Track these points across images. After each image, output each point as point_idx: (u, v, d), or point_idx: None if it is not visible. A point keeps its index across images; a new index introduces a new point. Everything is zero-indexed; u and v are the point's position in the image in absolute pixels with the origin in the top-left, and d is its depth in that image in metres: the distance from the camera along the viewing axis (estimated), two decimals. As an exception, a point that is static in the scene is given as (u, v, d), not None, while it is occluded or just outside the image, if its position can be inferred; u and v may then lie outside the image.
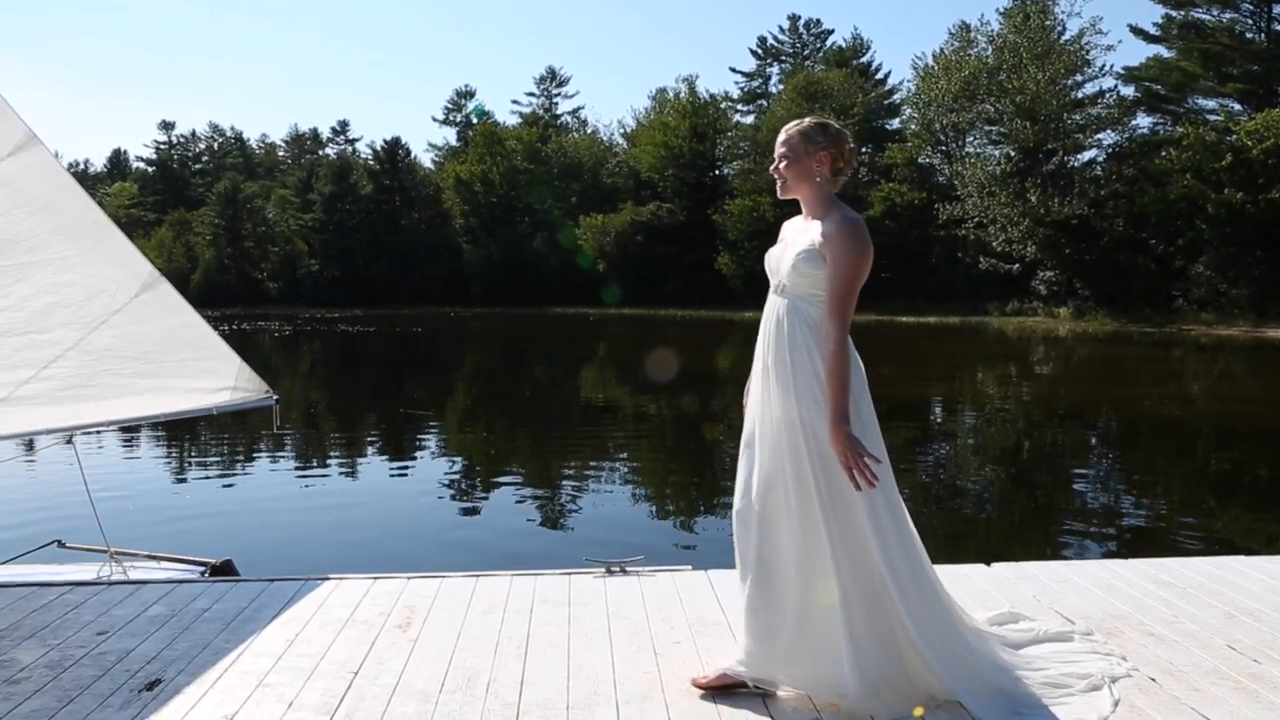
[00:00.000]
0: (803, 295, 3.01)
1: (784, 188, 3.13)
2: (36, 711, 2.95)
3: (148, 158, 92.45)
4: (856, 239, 2.95)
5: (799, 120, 3.17)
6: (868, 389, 3.05)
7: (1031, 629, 3.44)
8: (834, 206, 3.05)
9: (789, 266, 3.01)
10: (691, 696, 3.01)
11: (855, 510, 2.91)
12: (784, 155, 3.08)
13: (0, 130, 5.10)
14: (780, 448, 2.98)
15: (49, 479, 9.60)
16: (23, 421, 5.15)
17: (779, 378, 3.00)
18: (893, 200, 53.79)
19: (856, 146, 3.20)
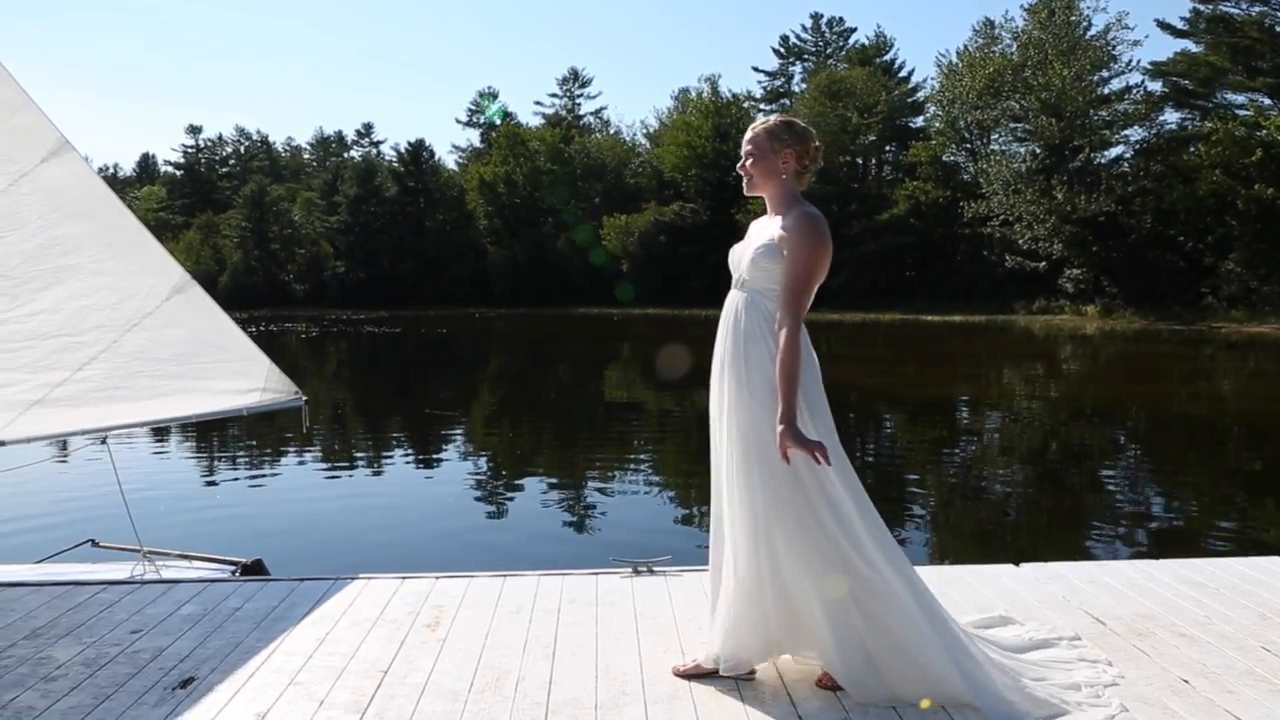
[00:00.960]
0: (761, 289, 3.05)
1: (750, 184, 3.18)
2: (74, 708, 3.00)
3: (175, 161, 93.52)
4: (814, 233, 2.98)
5: (765, 119, 3.21)
6: (820, 382, 3.07)
7: (1021, 634, 3.41)
8: (796, 203, 3.09)
9: (748, 261, 3.07)
10: (719, 697, 3.01)
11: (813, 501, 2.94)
12: (750, 153, 3.13)
13: (34, 137, 5.17)
14: (735, 442, 3.01)
15: (81, 479, 9.72)
16: (58, 422, 5.23)
17: (734, 372, 3.04)
18: (917, 198, 53.51)
19: (821, 145, 3.22)
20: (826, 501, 2.95)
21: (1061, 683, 3.02)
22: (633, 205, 62.71)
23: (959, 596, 3.95)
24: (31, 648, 3.53)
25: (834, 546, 2.94)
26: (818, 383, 3.06)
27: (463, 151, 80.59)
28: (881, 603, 2.93)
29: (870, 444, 14.04)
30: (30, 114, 5.18)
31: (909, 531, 8.44)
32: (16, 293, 5.16)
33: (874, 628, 2.93)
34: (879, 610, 2.92)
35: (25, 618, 3.87)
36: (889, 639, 2.92)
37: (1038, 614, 3.73)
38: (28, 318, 5.22)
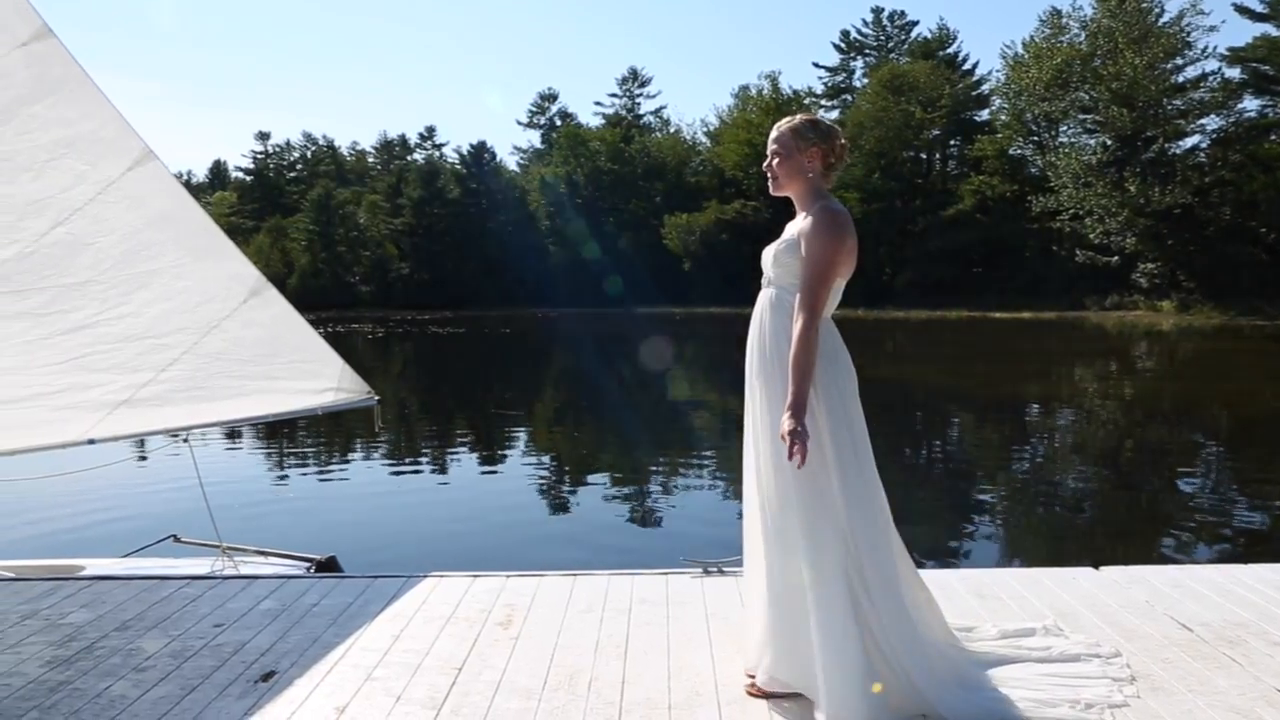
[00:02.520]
0: (785, 286, 3.03)
1: (776, 184, 3.15)
2: (162, 699, 3.09)
3: (245, 167, 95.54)
4: (833, 227, 2.95)
5: (790, 118, 3.17)
6: (854, 380, 3.03)
7: (1047, 647, 3.32)
8: (820, 198, 3.05)
9: (772, 257, 3.06)
10: (794, 700, 2.99)
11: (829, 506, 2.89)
12: (776, 152, 3.11)
13: (120, 147, 5.33)
14: (759, 440, 3.01)
15: (161, 476, 9.99)
16: (144, 421, 5.39)
17: (760, 369, 3.03)
18: (983, 193, 52.64)
19: (847, 144, 3.18)
20: (852, 509, 2.91)
21: (1065, 697, 2.96)
22: (694, 204, 62.67)
23: (1036, 599, 3.88)
24: (122, 639, 3.64)
25: (856, 555, 2.90)
26: (851, 383, 3.01)
27: (524, 153, 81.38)
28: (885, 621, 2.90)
29: (937, 443, 13.85)
30: (116, 125, 5.34)
31: (979, 532, 8.30)
32: (106, 296, 5.33)
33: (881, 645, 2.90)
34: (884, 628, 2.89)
35: (115, 610, 4.00)
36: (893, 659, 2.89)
37: (1120, 619, 3.65)
38: (116, 320, 5.39)
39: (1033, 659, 3.23)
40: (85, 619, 3.89)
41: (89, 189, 5.34)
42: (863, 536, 2.91)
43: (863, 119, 57.05)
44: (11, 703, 3.09)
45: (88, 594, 4.24)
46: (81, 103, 5.34)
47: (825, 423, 2.91)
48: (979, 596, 3.94)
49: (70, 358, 5.34)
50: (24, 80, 5.20)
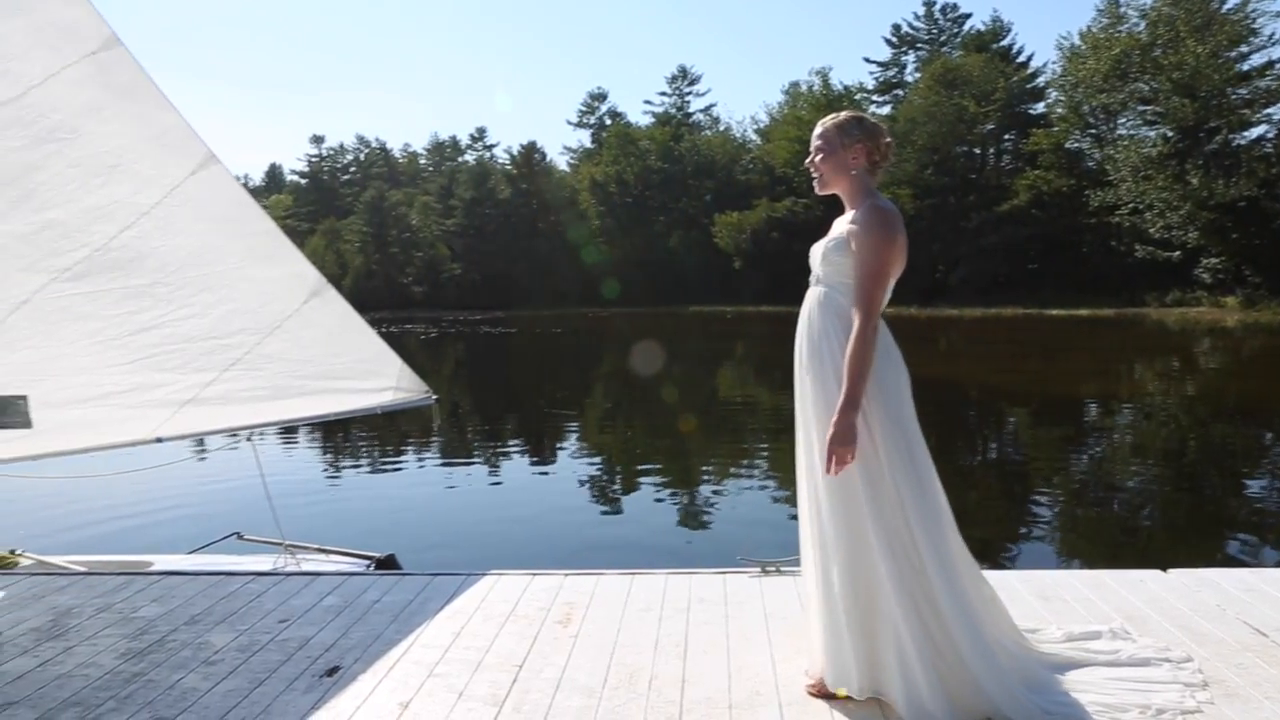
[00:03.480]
0: (834, 285, 3.01)
1: (821, 182, 3.13)
2: (232, 691, 3.16)
3: (300, 170, 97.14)
4: (883, 226, 2.92)
5: (835, 114, 3.14)
6: (906, 378, 3.00)
7: (1115, 650, 3.24)
8: (868, 196, 3.02)
9: (820, 256, 3.04)
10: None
11: (885, 506, 2.87)
12: (820, 149, 3.09)
13: (185, 151, 5.45)
14: (812, 440, 2.99)
15: (219, 474, 10.20)
16: (208, 420, 5.51)
17: (810, 368, 3.01)
18: (1039, 188, 51.67)
19: (893, 141, 3.15)
20: (910, 509, 2.88)
21: (1136, 702, 2.90)
22: (744, 202, 62.43)
23: (1101, 602, 3.81)
24: (191, 633, 3.73)
25: (915, 555, 2.88)
26: (902, 380, 2.99)
27: (574, 152, 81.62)
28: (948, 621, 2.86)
29: (992, 442, 13.65)
30: (181, 130, 5.46)
31: (1038, 532, 8.17)
32: (171, 298, 5.46)
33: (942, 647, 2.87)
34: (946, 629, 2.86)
35: (184, 604, 4.09)
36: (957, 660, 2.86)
37: (1190, 623, 3.57)
38: (181, 321, 5.51)
39: (1100, 662, 3.17)
40: (156, 613, 3.99)
41: (155, 193, 5.47)
42: (921, 536, 2.88)
43: (915, 114, 56.35)
44: (90, 692, 3.18)
45: (157, 589, 4.35)
46: (147, 109, 5.46)
47: (878, 423, 2.89)
48: (1042, 598, 3.88)
49: (138, 358, 5.47)
50: (93, 88, 5.34)
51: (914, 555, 2.88)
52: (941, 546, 2.92)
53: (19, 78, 5.24)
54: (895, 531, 2.87)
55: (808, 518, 3.04)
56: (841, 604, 2.92)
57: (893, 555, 2.86)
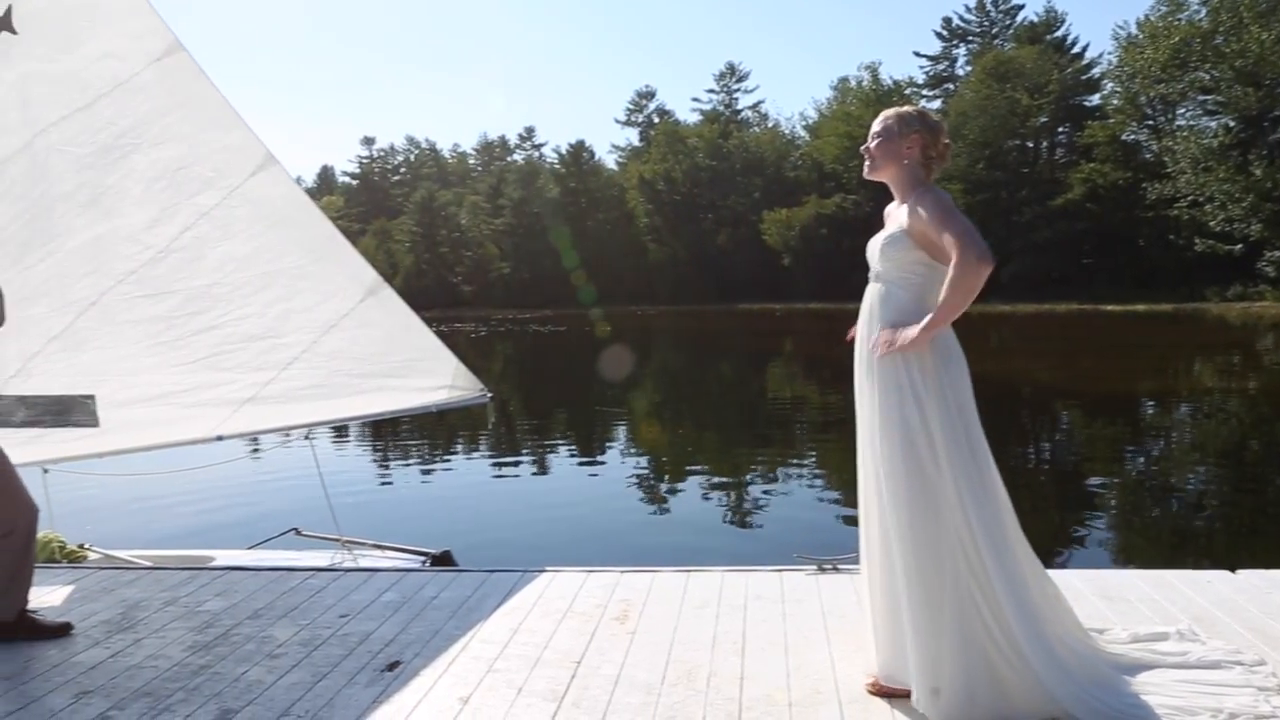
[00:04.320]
0: (894, 279, 2.98)
1: (872, 167, 3.11)
2: (296, 684, 3.21)
3: (351, 172, 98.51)
4: (933, 191, 2.93)
5: (900, 107, 3.13)
6: (969, 379, 2.96)
7: (1183, 652, 3.15)
8: (920, 185, 3.00)
9: (879, 251, 3.01)
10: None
11: (944, 504, 2.83)
12: (877, 134, 3.07)
13: (244, 153, 5.56)
14: (874, 436, 2.95)
15: (274, 471, 10.37)
16: (267, 418, 5.61)
17: (868, 364, 2.98)
18: (1094, 181, 50.74)
19: (951, 144, 3.12)
20: (969, 507, 2.85)
21: (1207, 706, 2.82)
22: (793, 199, 62.12)
23: (1168, 603, 3.74)
24: (255, 627, 3.80)
25: (975, 553, 2.84)
26: (964, 377, 2.95)
27: (622, 151, 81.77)
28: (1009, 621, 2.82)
29: (1047, 440, 13.44)
30: (240, 132, 5.57)
31: (1096, 532, 8.02)
32: (231, 298, 5.57)
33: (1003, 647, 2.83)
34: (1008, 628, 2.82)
35: (247, 599, 4.17)
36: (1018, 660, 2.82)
37: (1262, 625, 3.48)
38: (240, 321, 5.62)
39: (1169, 664, 3.10)
40: (220, 607, 4.07)
41: (215, 194, 5.58)
42: (981, 533, 2.85)
43: (966, 108, 55.62)
44: (160, 683, 3.25)
45: (220, 583, 4.43)
46: (208, 113, 5.58)
47: (939, 420, 2.86)
48: (1106, 599, 3.81)
49: (199, 357, 5.58)
50: (158, 93, 5.47)
51: (974, 554, 2.84)
52: (1002, 545, 2.88)
53: (88, 86, 5.38)
54: (956, 530, 2.84)
55: (868, 516, 3.02)
56: (901, 603, 2.89)
57: (953, 554, 2.83)
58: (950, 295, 2.80)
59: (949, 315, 2.84)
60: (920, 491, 2.84)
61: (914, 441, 2.84)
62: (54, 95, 5.35)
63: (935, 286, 2.88)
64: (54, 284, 5.40)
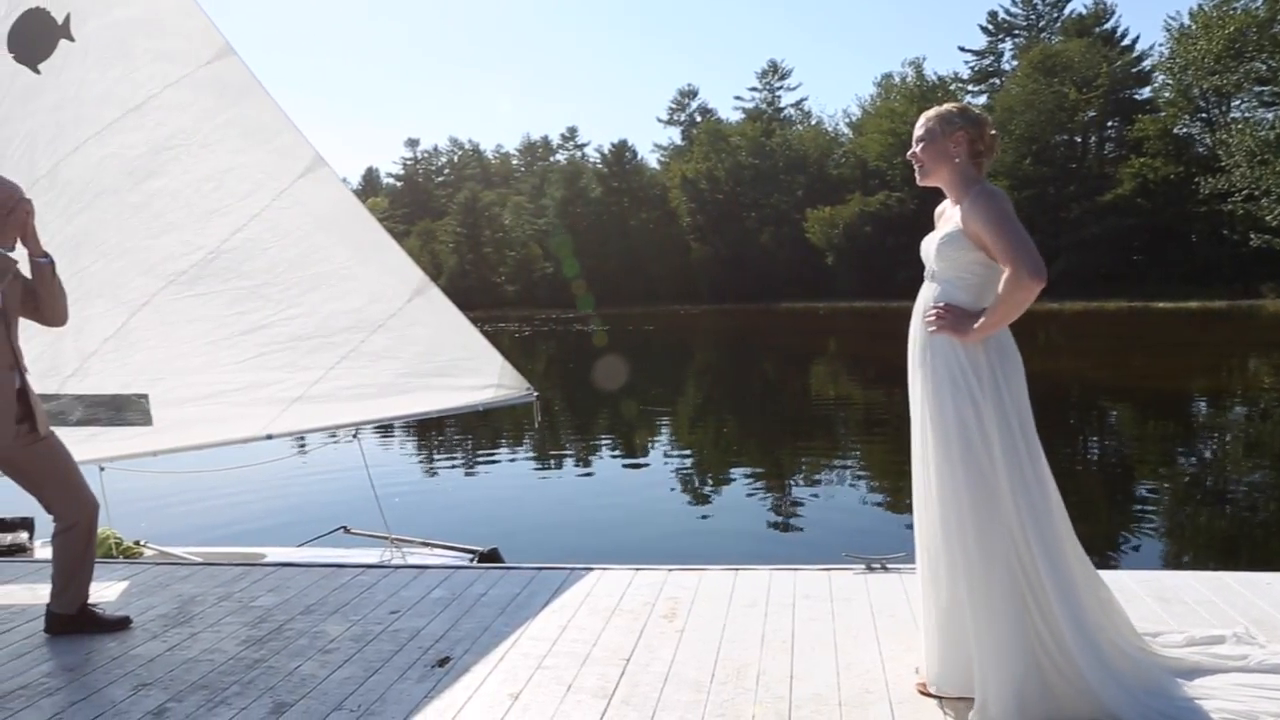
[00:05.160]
0: (950, 279, 2.93)
1: (922, 173, 3.05)
2: (348, 679, 3.24)
3: (396, 174, 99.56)
4: (992, 198, 2.85)
5: (938, 106, 3.08)
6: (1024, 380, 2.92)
7: (1243, 656, 3.06)
8: (973, 183, 2.94)
9: (935, 251, 2.96)
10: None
11: (997, 505, 2.79)
12: (921, 138, 3.02)
13: (293, 156, 5.63)
14: (926, 437, 2.91)
15: (321, 468, 10.49)
16: (316, 417, 5.67)
17: (922, 364, 2.94)
18: (1144, 176, 49.81)
19: (998, 134, 3.06)
20: (1022, 508, 2.80)
21: (1269, 711, 2.74)
22: (836, 197, 61.71)
23: (1226, 605, 3.66)
24: (307, 622, 3.84)
25: (1028, 555, 2.79)
26: (1019, 378, 2.91)
27: (664, 150, 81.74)
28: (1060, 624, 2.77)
29: (1097, 439, 13.22)
30: (290, 135, 5.64)
31: (1148, 532, 7.87)
32: (280, 298, 5.64)
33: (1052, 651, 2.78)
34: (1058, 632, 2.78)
35: (299, 595, 4.22)
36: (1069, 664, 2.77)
37: (1327, 626, 3.38)
38: (288, 320, 5.69)
39: (1227, 668, 3.02)
40: (273, 602, 4.12)
41: (265, 196, 5.66)
42: (1033, 535, 2.80)
43: (1012, 103, 54.87)
44: (216, 676, 3.30)
45: (273, 579, 4.49)
46: (258, 115, 5.65)
47: (994, 418, 2.82)
48: (1161, 600, 3.73)
49: (248, 356, 5.66)
50: (208, 96, 5.55)
51: (1026, 555, 2.80)
52: (1055, 548, 2.83)
53: (140, 87, 5.48)
54: (1008, 532, 2.80)
55: (921, 515, 2.98)
56: (953, 604, 2.86)
57: (1005, 556, 2.79)
58: (1000, 307, 2.78)
59: (998, 325, 2.82)
60: (974, 492, 2.80)
61: (969, 441, 2.81)
62: (107, 99, 5.46)
63: (993, 286, 2.83)
64: (108, 284, 5.51)
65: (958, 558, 2.82)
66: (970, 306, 2.86)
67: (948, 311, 2.85)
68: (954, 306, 2.86)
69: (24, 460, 3.60)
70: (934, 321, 2.87)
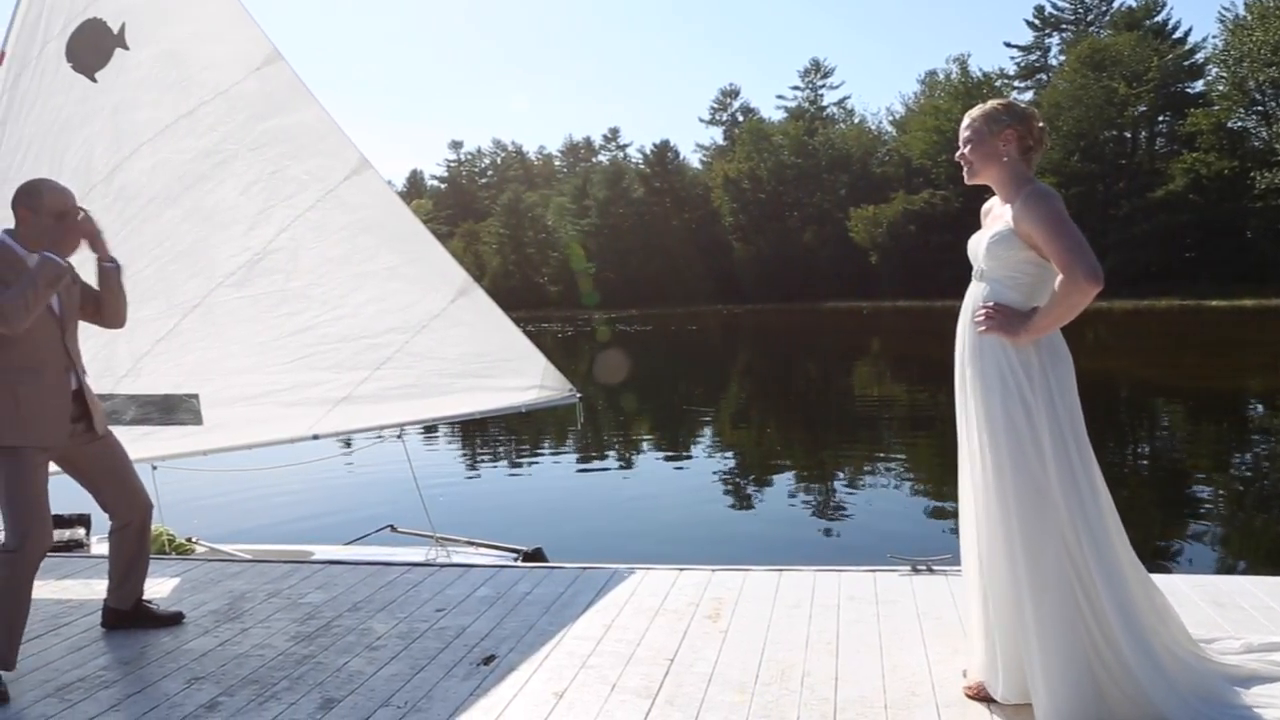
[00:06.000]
0: (1000, 278, 2.87)
1: (971, 172, 2.99)
2: (395, 676, 3.28)
3: (439, 176, 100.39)
4: (1047, 197, 2.79)
5: (983, 104, 3.01)
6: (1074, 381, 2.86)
7: None
8: (1025, 183, 2.87)
9: (984, 250, 2.89)
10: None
11: (1048, 507, 2.74)
12: (968, 139, 2.96)
13: (339, 158, 5.70)
14: (975, 439, 2.86)
15: (366, 468, 10.60)
16: (361, 418, 5.74)
17: (971, 364, 2.89)
18: (1197, 171, 48.78)
19: (1045, 126, 2.99)
20: (1074, 510, 2.75)
21: None
22: (880, 195, 61.21)
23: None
24: (354, 619, 3.89)
25: (1080, 559, 2.75)
26: (1070, 379, 2.86)
27: (707, 149, 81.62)
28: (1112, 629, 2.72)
29: (1147, 441, 12.98)
30: (335, 138, 5.71)
31: (1201, 536, 7.72)
32: (325, 299, 5.71)
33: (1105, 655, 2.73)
34: (1111, 636, 2.72)
35: (346, 592, 4.28)
36: (1121, 669, 2.71)
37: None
38: (334, 321, 5.76)
39: None
40: (321, 600, 4.18)
41: (310, 197, 5.73)
42: (1086, 539, 2.75)
43: (1059, 99, 54.00)
44: (266, 671, 3.36)
45: (320, 577, 4.55)
46: (305, 119, 5.73)
47: (1045, 420, 2.77)
48: (1217, 606, 3.65)
49: (296, 357, 5.74)
50: (256, 101, 5.64)
51: (1079, 558, 2.76)
52: (1107, 552, 2.79)
53: (191, 94, 5.58)
54: (1060, 536, 2.76)
55: (970, 519, 2.95)
56: (1002, 608, 2.82)
57: (1057, 558, 2.75)
58: (1053, 309, 2.74)
59: (1050, 327, 2.77)
60: (1025, 495, 2.76)
61: (1019, 443, 2.76)
62: (160, 105, 5.56)
63: (1044, 286, 2.79)
64: (160, 287, 5.61)
65: (1006, 561, 2.78)
66: (1020, 306, 2.82)
67: (997, 311, 2.81)
68: (1004, 306, 2.82)
69: (82, 458, 3.68)
70: (983, 321, 2.83)
